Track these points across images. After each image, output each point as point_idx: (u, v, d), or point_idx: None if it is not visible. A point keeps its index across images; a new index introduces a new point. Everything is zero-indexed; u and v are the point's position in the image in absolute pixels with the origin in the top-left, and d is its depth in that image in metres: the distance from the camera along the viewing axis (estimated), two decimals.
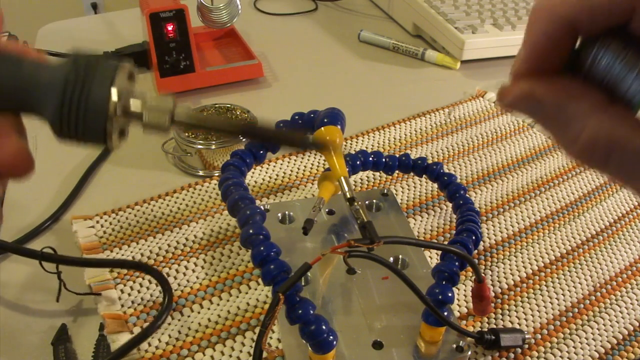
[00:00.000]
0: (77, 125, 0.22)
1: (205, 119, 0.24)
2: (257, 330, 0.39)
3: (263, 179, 0.53)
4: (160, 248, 0.45)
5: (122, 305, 0.40)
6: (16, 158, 0.22)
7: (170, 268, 0.43)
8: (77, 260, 0.42)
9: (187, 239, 0.46)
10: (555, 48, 0.20)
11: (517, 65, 0.22)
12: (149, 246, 0.45)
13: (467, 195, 0.47)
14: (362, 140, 0.60)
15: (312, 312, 0.34)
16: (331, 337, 0.34)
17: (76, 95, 0.21)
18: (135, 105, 0.23)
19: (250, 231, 0.37)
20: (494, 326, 0.41)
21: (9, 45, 0.24)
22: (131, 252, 0.44)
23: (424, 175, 0.50)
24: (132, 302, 0.41)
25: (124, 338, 0.38)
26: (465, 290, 0.43)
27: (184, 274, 0.43)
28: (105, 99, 0.22)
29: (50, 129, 0.23)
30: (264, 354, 0.31)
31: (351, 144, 0.59)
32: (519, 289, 0.44)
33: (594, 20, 0.19)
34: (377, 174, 0.55)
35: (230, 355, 0.38)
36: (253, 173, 0.54)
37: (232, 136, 0.25)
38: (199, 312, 0.40)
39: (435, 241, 0.47)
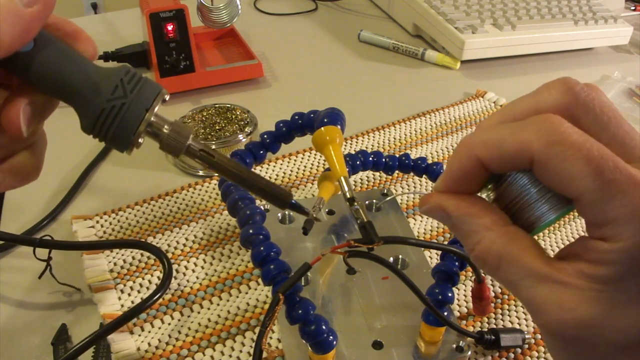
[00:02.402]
0: (108, 131, 0.25)
1: (213, 156, 0.27)
2: (257, 330, 0.39)
3: None
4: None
5: (122, 305, 0.40)
6: (10, 123, 0.24)
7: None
8: (73, 245, 0.43)
9: (187, 239, 0.46)
10: (467, 178, 0.24)
11: (437, 183, 0.25)
12: None
13: None
14: (362, 140, 0.60)
15: (312, 312, 0.33)
16: (331, 337, 0.34)
17: (117, 107, 0.24)
18: (162, 129, 0.26)
19: (250, 231, 0.37)
20: (494, 326, 0.41)
21: (64, 23, 0.25)
22: (131, 252, 0.44)
23: (424, 175, 0.50)
24: (132, 302, 0.41)
25: (124, 338, 0.38)
26: (465, 290, 0.43)
27: (184, 274, 0.43)
28: (139, 118, 0.25)
29: (80, 123, 0.25)
30: (264, 354, 0.31)
31: (351, 144, 0.59)
32: None
33: (502, 164, 0.23)
34: (377, 174, 0.55)
35: (230, 355, 0.38)
36: None
37: (229, 179, 0.28)
38: (199, 312, 0.40)
39: (435, 241, 0.47)
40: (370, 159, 0.48)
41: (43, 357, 0.37)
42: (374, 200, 0.49)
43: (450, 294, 0.36)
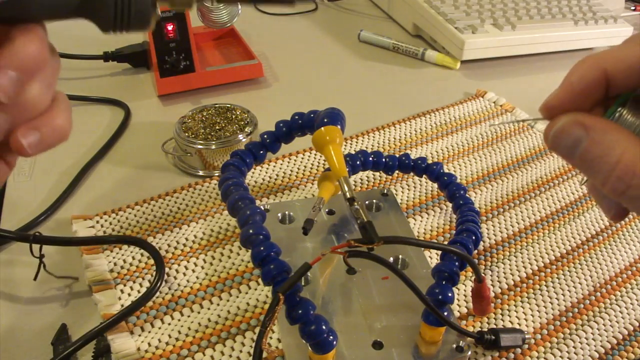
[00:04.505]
0: (130, 11, 0.25)
1: None
2: (257, 330, 0.39)
3: (263, 179, 0.53)
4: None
5: (122, 305, 0.40)
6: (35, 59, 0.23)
7: (170, 268, 0.43)
8: (67, 240, 0.43)
9: (187, 239, 0.46)
10: (587, 93, 0.23)
11: (550, 99, 0.24)
12: None
13: (467, 195, 0.47)
14: (362, 140, 0.60)
15: (312, 312, 0.34)
16: (331, 337, 0.34)
17: None
18: None
19: (250, 231, 0.37)
20: (494, 326, 0.41)
21: None
22: (131, 252, 0.44)
23: (424, 175, 0.50)
24: (132, 302, 0.41)
25: (124, 338, 0.38)
26: (465, 290, 0.43)
27: (184, 274, 0.43)
28: None
29: (99, 24, 0.26)
30: (264, 354, 0.31)
31: (351, 144, 0.59)
32: (519, 289, 0.44)
33: (627, 78, 0.22)
34: (377, 174, 0.55)
35: (230, 355, 0.38)
36: (253, 173, 0.54)
37: None
38: (199, 312, 0.40)
39: (435, 241, 0.47)
40: (370, 159, 0.48)
41: (43, 357, 0.37)
42: (374, 200, 0.49)
43: (450, 294, 0.36)
